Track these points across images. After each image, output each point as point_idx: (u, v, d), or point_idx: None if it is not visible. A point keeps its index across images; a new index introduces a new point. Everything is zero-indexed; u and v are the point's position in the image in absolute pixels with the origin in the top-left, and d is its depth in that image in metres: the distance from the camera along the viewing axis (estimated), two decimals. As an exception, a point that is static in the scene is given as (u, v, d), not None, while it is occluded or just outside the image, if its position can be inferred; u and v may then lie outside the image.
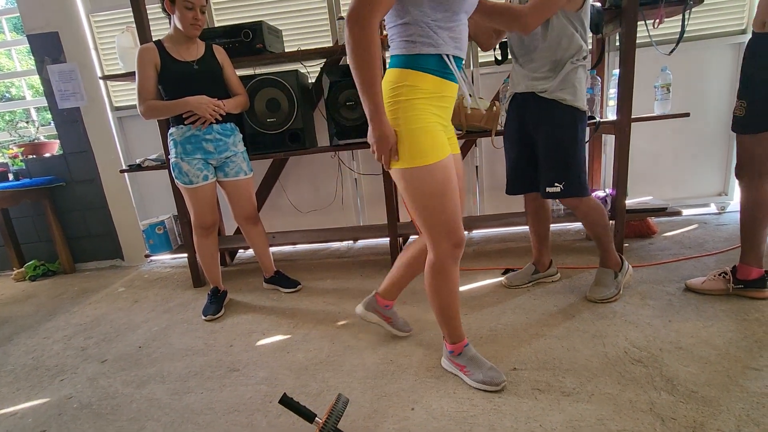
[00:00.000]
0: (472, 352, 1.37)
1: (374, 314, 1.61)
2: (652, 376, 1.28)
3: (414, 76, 1.12)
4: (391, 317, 1.63)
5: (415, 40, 1.10)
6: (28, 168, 3.01)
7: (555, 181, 1.62)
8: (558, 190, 1.62)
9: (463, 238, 1.25)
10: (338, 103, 2.25)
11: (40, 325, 2.20)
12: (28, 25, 2.74)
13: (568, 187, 1.61)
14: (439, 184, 1.16)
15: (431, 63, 1.12)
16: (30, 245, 3.19)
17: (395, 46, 1.15)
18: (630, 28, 1.94)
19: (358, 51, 1.04)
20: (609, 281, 1.77)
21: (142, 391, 1.50)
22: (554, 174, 1.62)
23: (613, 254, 1.79)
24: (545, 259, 2.00)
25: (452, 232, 1.22)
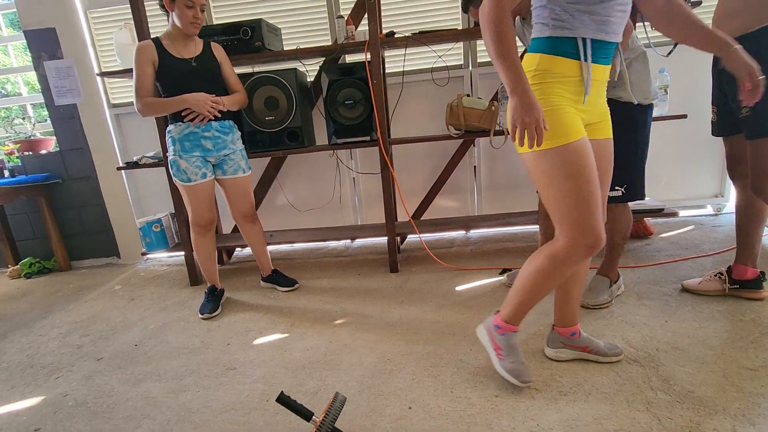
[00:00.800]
0: (514, 341, 1.31)
1: (567, 350, 1.40)
2: (649, 376, 1.28)
3: (547, 60, 1.09)
4: (587, 345, 1.38)
5: (550, 24, 1.08)
6: (24, 165, 2.99)
7: (616, 184, 1.54)
8: (620, 194, 1.55)
9: (600, 237, 1.12)
10: (337, 102, 2.25)
11: (35, 322, 2.18)
12: (24, 21, 2.72)
13: (630, 190, 1.56)
14: (575, 163, 1.08)
15: (566, 47, 1.08)
16: (25, 242, 3.17)
17: (535, 30, 1.13)
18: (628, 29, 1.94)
19: (490, 25, 1.00)
20: (604, 288, 1.75)
21: (138, 389, 1.49)
22: (616, 177, 1.49)
23: (616, 265, 1.77)
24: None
25: (589, 227, 1.10)
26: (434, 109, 2.73)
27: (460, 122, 2.18)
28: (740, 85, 1.18)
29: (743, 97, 1.19)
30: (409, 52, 2.53)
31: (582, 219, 1.10)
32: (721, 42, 1.15)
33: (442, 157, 2.83)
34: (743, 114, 1.40)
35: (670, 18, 1.19)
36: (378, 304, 1.98)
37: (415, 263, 2.48)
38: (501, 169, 2.86)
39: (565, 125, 1.09)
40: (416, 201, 2.93)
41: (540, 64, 1.10)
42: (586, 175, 1.09)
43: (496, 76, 2.63)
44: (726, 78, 1.45)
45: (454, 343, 1.57)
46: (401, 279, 2.26)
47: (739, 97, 1.21)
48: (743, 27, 1.36)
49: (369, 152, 2.86)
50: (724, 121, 1.54)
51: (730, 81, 1.43)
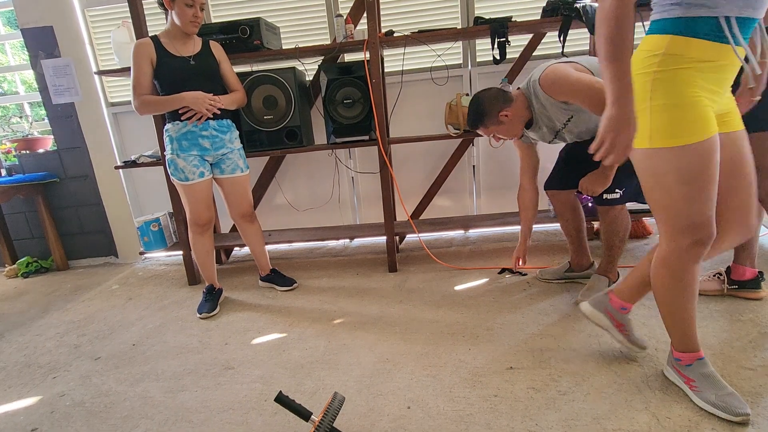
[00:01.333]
0: (708, 369, 1.15)
1: (604, 317, 1.35)
2: (648, 375, 1.28)
3: (679, 42, 0.95)
4: (625, 325, 1.35)
5: (682, 2, 0.93)
6: (21, 163, 2.98)
7: (615, 187, 1.59)
8: (617, 197, 1.59)
9: (711, 233, 1.03)
10: (336, 101, 2.25)
11: (32, 322, 2.17)
12: (22, 19, 2.71)
13: (627, 193, 1.59)
14: (694, 167, 0.97)
15: (704, 27, 0.93)
16: (22, 242, 3.16)
17: (658, 10, 0.99)
18: (628, 29, 1.94)
19: (609, 22, 0.90)
20: (603, 288, 1.75)
21: (136, 389, 1.49)
22: (615, 179, 1.57)
23: (615, 267, 1.79)
24: (583, 261, 1.97)
25: (698, 226, 1.02)
26: (433, 108, 2.72)
27: (459, 122, 2.18)
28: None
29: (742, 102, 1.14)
30: (408, 51, 2.53)
31: (691, 218, 1.02)
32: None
33: (441, 157, 2.83)
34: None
35: None
36: (377, 303, 1.97)
37: (413, 263, 2.48)
38: (500, 168, 2.86)
39: (698, 121, 0.96)
40: (415, 200, 2.93)
41: (670, 48, 0.95)
42: (706, 179, 0.99)
43: (496, 76, 2.63)
44: None
45: (452, 343, 1.57)
46: (400, 278, 2.26)
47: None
48: None
49: (368, 151, 2.86)
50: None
51: None
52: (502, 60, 2.10)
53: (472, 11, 2.60)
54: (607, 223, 1.71)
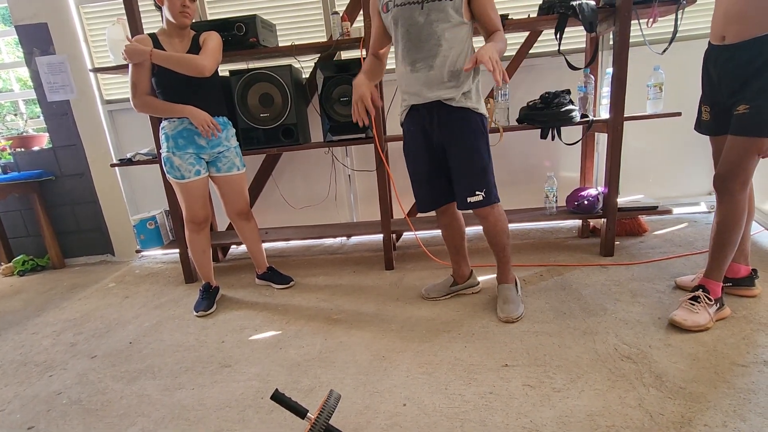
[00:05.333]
0: None
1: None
2: (641, 372, 1.29)
3: None
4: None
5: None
6: (16, 161, 2.97)
7: (476, 189, 1.59)
8: (481, 198, 1.59)
9: None
10: (332, 99, 2.24)
11: (28, 320, 2.17)
12: (16, 16, 2.69)
13: (489, 194, 1.60)
14: None
15: None
16: (18, 240, 3.15)
17: None
18: (624, 26, 1.95)
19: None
20: (515, 296, 1.74)
21: (133, 387, 1.49)
22: (475, 182, 1.59)
23: (510, 267, 1.79)
24: (464, 270, 1.93)
25: None
26: (430, 106, 2.72)
27: (456, 119, 2.18)
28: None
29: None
30: (404, 49, 2.52)
31: None
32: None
33: (437, 155, 2.83)
34: (741, 110, 1.39)
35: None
36: (373, 301, 1.98)
37: (410, 260, 2.48)
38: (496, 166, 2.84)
39: None
40: (412, 198, 2.92)
41: None
42: None
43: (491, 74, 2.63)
44: (723, 74, 1.45)
45: (448, 341, 1.58)
46: (397, 276, 2.26)
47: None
48: (741, 34, 1.36)
49: (364, 149, 2.85)
50: (719, 121, 1.53)
51: (726, 77, 1.43)
52: (498, 58, 2.09)
53: (468, 9, 2.59)
54: (493, 226, 1.68)
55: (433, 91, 1.54)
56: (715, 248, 1.51)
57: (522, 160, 2.82)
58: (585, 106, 2.23)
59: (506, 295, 1.74)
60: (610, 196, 2.16)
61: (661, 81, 2.10)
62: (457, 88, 1.53)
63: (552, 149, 2.76)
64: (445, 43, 1.49)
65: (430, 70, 1.52)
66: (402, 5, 1.50)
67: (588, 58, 2.33)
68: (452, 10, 1.47)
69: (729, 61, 1.41)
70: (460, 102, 1.54)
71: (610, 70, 2.08)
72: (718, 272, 1.52)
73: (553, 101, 2.13)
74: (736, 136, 1.40)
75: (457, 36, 1.50)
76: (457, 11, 1.47)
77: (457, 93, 1.53)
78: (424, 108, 1.59)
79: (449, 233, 1.87)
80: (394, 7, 1.52)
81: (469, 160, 1.58)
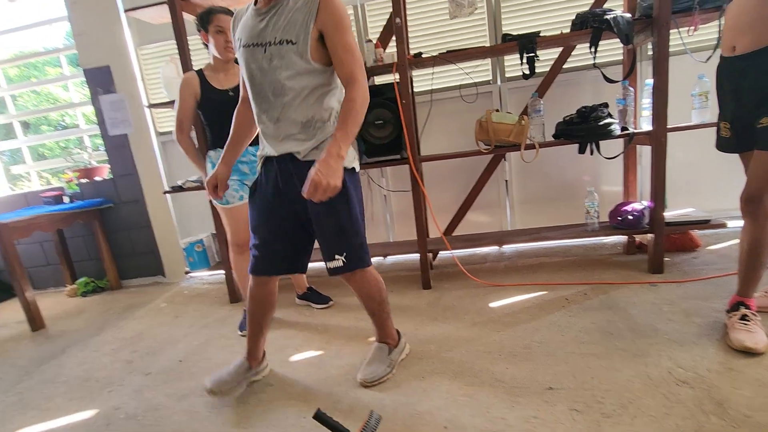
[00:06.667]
0: None
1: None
2: (700, 398, 1.21)
3: None
4: None
5: None
6: (81, 191, 3.24)
7: (335, 253, 1.38)
8: (341, 264, 1.38)
9: None
10: (367, 122, 2.31)
11: (90, 338, 2.33)
12: (83, 60, 2.99)
13: (351, 258, 1.39)
14: None
15: None
16: (81, 263, 3.41)
17: None
18: (662, 37, 1.90)
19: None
20: (383, 358, 1.57)
21: (183, 404, 1.56)
22: (333, 245, 1.38)
23: (390, 329, 1.61)
24: (260, 353, 1.64)
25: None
26: (463, 125, 2.74)
27: (490, 138, 2.18)
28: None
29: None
30: (436, 71, 2.58)
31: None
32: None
33: (472, 173, 2.83)
34: (765, 123, 1.32)
35: None
36: (411, 321, 1.98)
37: (448, 279, 2.47)
38: (534, 182, 2.82)
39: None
40: (448, 217, 2.93)
41: None
42: None
43: (526, 90, 2.62)
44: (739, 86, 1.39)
45: (489, 362, 1.55)
46: (434, 295, 2.25)
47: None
48: (752, 44, 1.31)
49: (400, 170, 2.90)
50: (741, 137, 1.45)
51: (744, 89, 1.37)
52: (531, 75, 2.09)
53: (499, 28, 2.62)
54: (358, 290, 1.49)
55: (282, 143, 1.34)
56: (748, 269, 1.47)
57: (560, 175, 2.76)
58: (625, 118, 2.17)
59: (373, 355, 1.57)
60: (657, 210, 2.07)
61: (706, 89, 2.02)
62: (309, 140, 1.32)
63: (591, 163, 2.69)
64: (290, 92, 1.28)
65: (276, 122, 1.32)
66: (247, 46, 1.29)
67: (626, 70, 2.28)
68: (296, 56, 1.25)
69: (744, 73, 1.35)
70: (309, 155, 1.33)
71: (650, 81, 2.02)
72: (752, 290, 1.49)
73: (590, 115, 2.09)
74: (764, 151, 1.33)
75: (308, 84, 1.28)
76: (302, 56, 1.25)
77: (306, 146, 1.32)
78: (275, 160, 1.37)
79: (260, 308, 1.55)
80: (241, 47, 1.31)
81: (325, 221, 1.36)
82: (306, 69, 1.27)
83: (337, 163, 1.17)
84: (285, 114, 1.30)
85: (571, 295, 2.02)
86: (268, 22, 1.27)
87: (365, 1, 2.72)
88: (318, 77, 1.29)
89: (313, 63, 1.27)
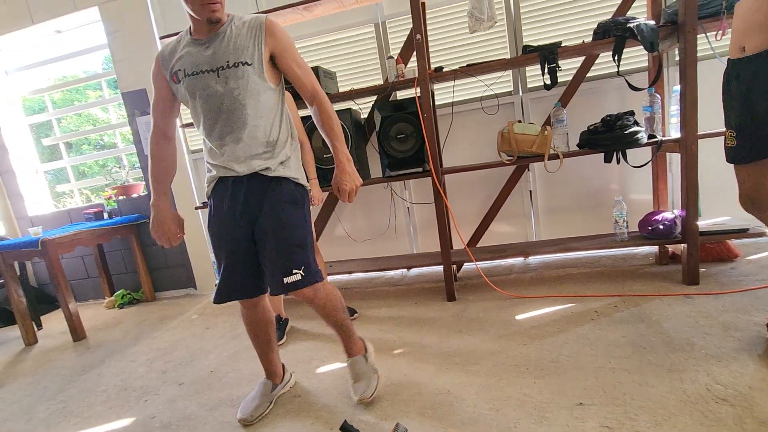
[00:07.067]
0: None
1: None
2: (742, 417, 1.16)
3: None
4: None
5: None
6: (119, 207, 3.42)
7: (293, 268, 1.36)
8: (299, 278, 1.36)
9: None
10: (389, 137, 2.35)
11: (127, 349, 2.43)
12: (122, 84, 3.18)
13: (308, 272, 1.38)
14: None
15: None
16: (119, 276, 3.57)
17: None
18: (689, 43, 1.86)
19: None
20: (365, 369, 1.56)
21: (215, 413, 1.61)
22: (291, 260, 1.36)
23: (356, 338, 1.60)
24: (279, 368, 1.67)
25: None
26: (485, 136, 2.74)
27: (513, 149, 2.18)
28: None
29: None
30: (458, 84, 2.60)
31: None
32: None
33: (495, 183, 2.82)
34: None
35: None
36: (436, 333, 1.97)
37: (472, 291, 2.45)
38: (558, 192, 2.78)
39: None
40: (471, 228, 2.91)
41: None
42: None
43: (548, 100, 2.61)
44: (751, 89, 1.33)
45: (516, 375, 1.53)
46: (459, 308, 2.24)
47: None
48: (765, 43, 1.26)
49: (422, 182, 2.92)
50: (753, 145, 1.37)
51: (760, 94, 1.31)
52: (553, 86, 2.09)
53: (520, 40, 2.63)
54: (322, 306, 1.47)
55: (244, 163, 1.35)
56: None
57: (585, 184, 2.71)
58: (652, 126, 2.13)
59: (356, 372, 1.55)
60: (689, 218, 2.00)
61: (738, 94, 1.95)
62: (273, 158, 1.37)
63: (619, 172, 2.64)
64: (251, 112, 1.31)
65: (238, 143, 1.34)
66: (194, 74, 1.31)
67: (652, 77, 2.24)
68: (254, 76, 1.30)
69: (756, 75, 1.29)
70: (277, 171, 1.37)
71: (677, 87, 1.98)
72: None
73: (615, 124, 2.06)
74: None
75: (266, 103, 1.34)
76: (259, 76, 1.31)
77: (273, 162, 1.37)
78: (231, 181, 1.39)
79: (258, 329, 1.58)
80: (186, 77, 1.32)
81: (282, 235, 1.36)
82: (264, 87, 1.33)
83: (350, 166, 1.39)
84: (250, 133, 1.33)
85: (601, 307, 1.97)
86: (215, 49, 1.30)
87: (386, 19, 2.78)
88: (273, 96, 1.37)
89: (269, 82, 1.34)
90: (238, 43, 1.30)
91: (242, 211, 1.39)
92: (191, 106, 1.37)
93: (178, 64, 1.34)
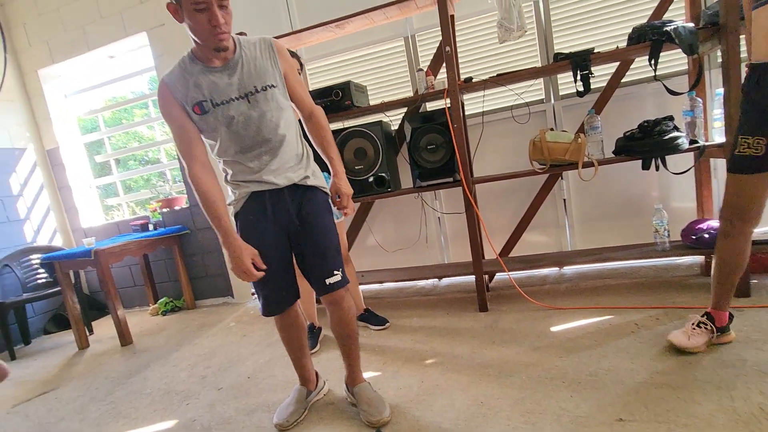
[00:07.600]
0: None
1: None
2: (799, 439, 1.09)
3: None
4: None
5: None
6: (163, 219, 3.61)
7: (334, 269, 1.46)
8: (339, 278, 1.47)
9: None
10: (420, 147, 2.38)
11: (170, 354, 2.55)
12: (167, 104, 3.38)
13: (343, 274, 1.49)
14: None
15: None
16: (162, 284, 3.76)
17: None
18: (732, 44, 1.79)
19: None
20: (375, 395, 1.55)
21: (252, 418, 1.66)
22: (332, 263, 1.46)
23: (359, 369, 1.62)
24: (312, 374, 1.71)
25: None
26: (517, 145, 2.72)
27: (545, 157, 2.15)
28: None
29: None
30: (488, 93, 2.60)
31: None
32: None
33: (528, 192, 2.78)
34: None
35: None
36: (468, 344, 1.96)
37: (505, 302, 2.42)
38: (594, 201, 2.71)
39: None
40: (503, 238, 2.88)
41: None
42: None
43: (582, 107, 2.56)
44: None
45: (552, 389, 1.49)
46: (491, 318, 2.21)
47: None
48: None
49: (453, 192, 2.92)
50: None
51: None
52: (586, 93, 2.06)
53: (551, 47, 2.61)
54: (345, 311, 1.51)
55: (283, 175, 1.41)
56: None
57: (622, 192, 2.63)
58: (693, 131, 2.05)
59: (366, 398, 1.54)
60: (737, 227, 1.90)
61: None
62: (305, 168, 1.47)
63: (658, 179, 2.54)
64: (283, 129, 1.40)
65: (273, 158, 1.40)
66: (224, 103, 1.32)
67: (692, 80, 2.16)
68: (281, 97, 1.40)
69: None
70: (312, 181, 1.47)
71: (720, 90, 1.90)
72: None
73: (653, 129, 2.00)
74: None
75: (289, 118, 1.43)
76: (284, 96, 1.41)
77: (309, 172, 1.48)
78: (269, 194, 1.42)
79: (293, 334, 1.63)
80: (215, 106, 1.32)
81: (324, 240, 1.46)
82: (286, 105, 1.43)
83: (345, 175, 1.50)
84: (284, 149, 1.41)
85: (641, 319, 1.90)
86: (238, 76, 1.33)
87: (416, 32, 2.83)
88: (291, 112, 1.46)
89: (288, 100, 1.45)
90: (257, 66, 1.35)
91: (285, 220, 1.44)
92: (222, 131, 1.35)
93: (198, 95, 1.32)
